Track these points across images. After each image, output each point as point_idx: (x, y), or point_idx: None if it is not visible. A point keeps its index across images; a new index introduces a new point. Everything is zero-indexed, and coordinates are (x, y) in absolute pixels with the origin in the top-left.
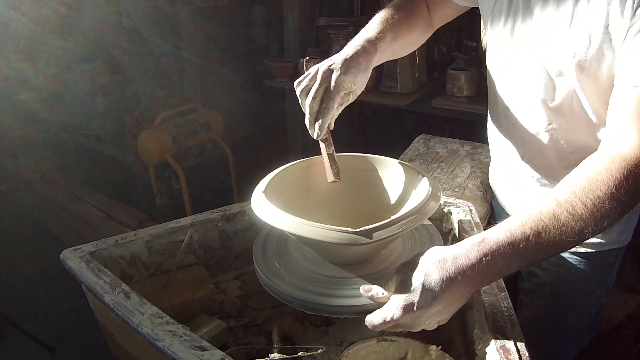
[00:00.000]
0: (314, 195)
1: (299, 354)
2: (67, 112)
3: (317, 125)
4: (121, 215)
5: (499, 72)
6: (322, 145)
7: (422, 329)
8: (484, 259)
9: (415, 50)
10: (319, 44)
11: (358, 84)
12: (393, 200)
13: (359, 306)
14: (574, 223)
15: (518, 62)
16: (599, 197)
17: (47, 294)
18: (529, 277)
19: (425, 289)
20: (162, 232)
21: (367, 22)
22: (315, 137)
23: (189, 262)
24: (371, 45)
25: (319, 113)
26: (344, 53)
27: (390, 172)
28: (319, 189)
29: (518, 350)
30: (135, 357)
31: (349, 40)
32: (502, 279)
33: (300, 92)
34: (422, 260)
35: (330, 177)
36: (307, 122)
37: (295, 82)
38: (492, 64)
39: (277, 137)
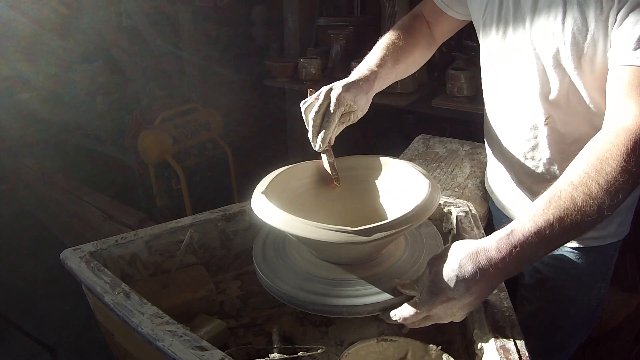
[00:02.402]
0: (313, 195)
1: (299, 354)
2: (67, 112)
3: (319, 137)
4: (121, 215)
5: (493, 73)
6: (323, 156)
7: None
8: (513, 250)
9: None
10: (319, 44)
11: (358, 103)
12: (393, 200)
13: (359, 306)
14: (592, 202)
15: (512, 62)
16: (610, 174)
17: (47, 294)
18: (529, 272)
19: (459, 280)
20: (162, 232)
21: (367, 22)
22: (316, 149)
23: (189, 262)
24: (372, 72)
25: (321, 127)
26: (346, 79)
27: (390, 171)
28: (318, 189)
29: (518, 350)
30: (135, 357)
31: (349, 40)
32: None
33: (305, 110)
34: (454, 252)
35: (331, 182)
36: (309, 135)
37: (302, 102)
38: (486, 66)
39: (277, 137)
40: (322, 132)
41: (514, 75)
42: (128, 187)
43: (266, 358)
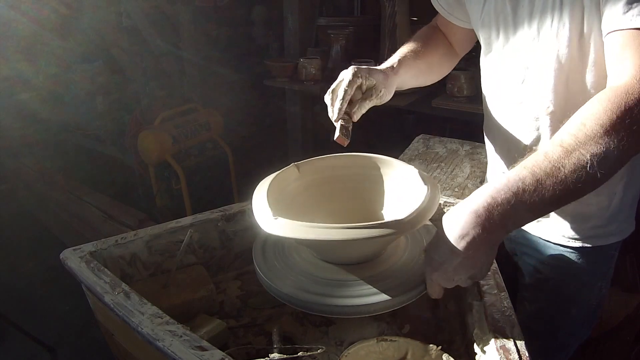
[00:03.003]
0: (314, 195)
1: (299, 354)
2: (67, 112)
3: (336, 105)
4: (121, 215)
5: (493, 73)
6: (337, 125)
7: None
8: (486, 203)
9: None
10: (319, 44)
11: (375, 77)
12: (392, 200)
13: (359, 306)
14: (567, 155)
15: (512, 61)
16: (589, 127)
17: (47, 294)
18: (530, 272)
19: (440, 244)
20: (162, 232)
21: (367, 22)
22: (331, 117)
23: (189, 262)
24: (392, 62)
25: (337, 97)
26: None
27: (390, 171)
28: (318, 189)
29: (518, 350)
30: (135, 357)
31: (349, 40)
32: (501, 278)
33: (328, 93)
34: (442, 220)
35: (337, 134)
36: (329, 112)
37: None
38: (486, 66)
39: (277, 137)
40: (338, 99)
41: (515, 73)
42: (128, 187)
43: (266, 358)
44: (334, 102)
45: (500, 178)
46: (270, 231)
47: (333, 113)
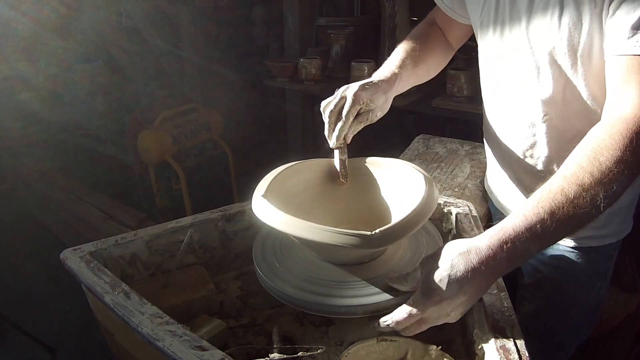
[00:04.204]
0: (313, 193)
1: (299, 354)
2: (67, 112)
3: (334, 134)
4: (121, 215)
5: (492, 73)
6: (336, 152)
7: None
8: (504, 246)
9: None
10: (319, 44)
11: (376, 102)
12: (392, 199)
13: (360, 306)
14: (584, 194)
15: (510, 61)
16: (604, 164)
17: (47, 294)
18: (529, 272)
19: (451, 280)
20: (162, 232)
21: (367, 22)
22: (331, 145)
23: (189, 262)
24: (392, 74)
25: (336, 124)
26: (365, 79)
27: (390, 171)
28: (318, 188)
29: (518, 350)
30: (135, 357)
31: (349, 40)
32: (501, 277)
33: (324, 107)
34: (446, 252)
35: (340, 177)
36: (325, 132)
37: (322, 102)
38: (485, 66)
39: (277, 137)
40: (337, 129)
41: (512, 74)
42: (128, 187)
43: (266, 358)
44: (332, 126)
45: (519, 217)
46: (254, 209)
47: (331, 140)
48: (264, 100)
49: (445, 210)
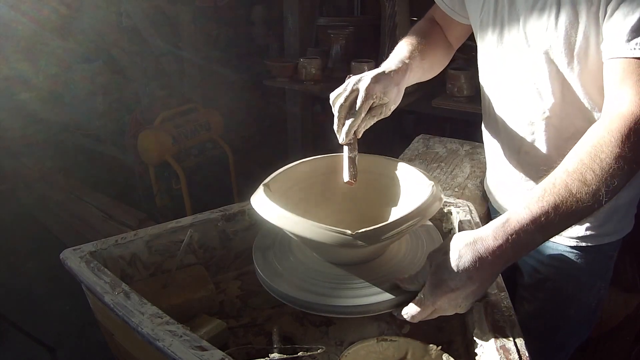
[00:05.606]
0: (316, 193)
1: (299, 354)
2: (67, 112)
3: (343, 129)
4: (121, 215)
5: (491, 72)
6: (345, 148)
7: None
8: (509, 238)
9: None
10: (319, 44)
11: (389, 95)
12: (394, 199)
13: (360, 306)
14: (586, 189)
15: (508, 60)
16: (604, 160)
17: (47, 294)
18: (529, 272)
19: (459, 270)
20: (162, 232)
21: (367, 22)
22: (340, 141)
23: (189, 262)
24: (403, 64)
25: (346, 119)
26: (376, 69)
27: (391, 171)
28: (320, 188)
29: (518, 350)
30: (135, 357)
31: (349, 40)
32: (501, 277)
33: (333, 100)
34: (453, 244)
35: (346, 177)
36: (335, 127)
37: (331, 94)
38: (484, 66)
39: (277, 137)
40: (348, 124)
41: (511, 73)
42: (128, 187)
43: (266, 358)
44: (342, 120)
45: (524, 209)
46: (252, 201)
47: (341, 135)
48: (264, 100)
49: (445, 210)
